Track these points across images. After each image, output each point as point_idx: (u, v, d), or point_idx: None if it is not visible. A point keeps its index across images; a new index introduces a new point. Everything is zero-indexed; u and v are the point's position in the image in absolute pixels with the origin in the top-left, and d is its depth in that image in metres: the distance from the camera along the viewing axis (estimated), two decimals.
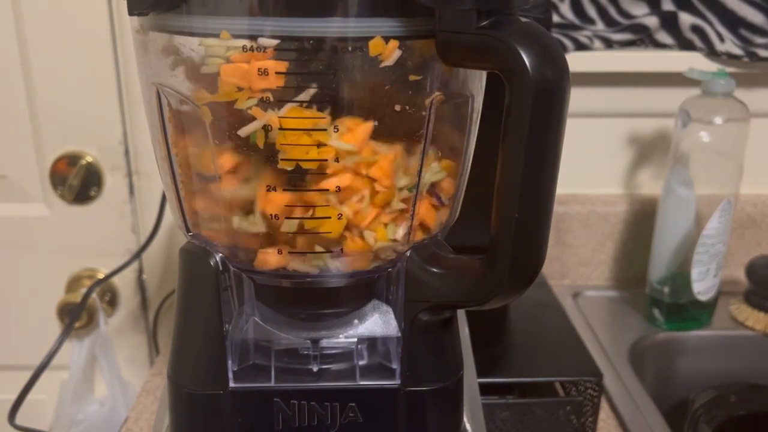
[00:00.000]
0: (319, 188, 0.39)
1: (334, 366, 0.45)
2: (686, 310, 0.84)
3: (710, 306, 0.86)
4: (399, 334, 0.44)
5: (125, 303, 0.94)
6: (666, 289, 0.84)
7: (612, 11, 0.89)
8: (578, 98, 0.79)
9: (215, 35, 0.37)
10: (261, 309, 0.45)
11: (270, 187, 0.39)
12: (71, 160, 0.86)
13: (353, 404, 0.44)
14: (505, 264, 0.38)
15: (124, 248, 0.90)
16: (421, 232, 0.43)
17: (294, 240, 0.41)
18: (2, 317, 0.93)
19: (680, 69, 0.81)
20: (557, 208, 0.91)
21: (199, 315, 0.44)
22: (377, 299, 0.46)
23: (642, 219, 0.94)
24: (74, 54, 0.82)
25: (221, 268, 0.43)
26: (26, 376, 0.76)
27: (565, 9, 0.90)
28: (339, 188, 0.39)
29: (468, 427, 0.49)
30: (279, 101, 0.37)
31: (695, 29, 0.87)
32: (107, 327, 0.91)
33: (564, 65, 0.35)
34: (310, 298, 0.45)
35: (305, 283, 0.43)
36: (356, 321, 0.45)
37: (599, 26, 0.90)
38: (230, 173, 0.40)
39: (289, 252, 0.41)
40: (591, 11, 0.90)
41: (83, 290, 0.86)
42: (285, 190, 0.39)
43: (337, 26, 0.37)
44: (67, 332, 0.82)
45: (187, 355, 0.44)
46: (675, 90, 0.86)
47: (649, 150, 0.95)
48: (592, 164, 0.95)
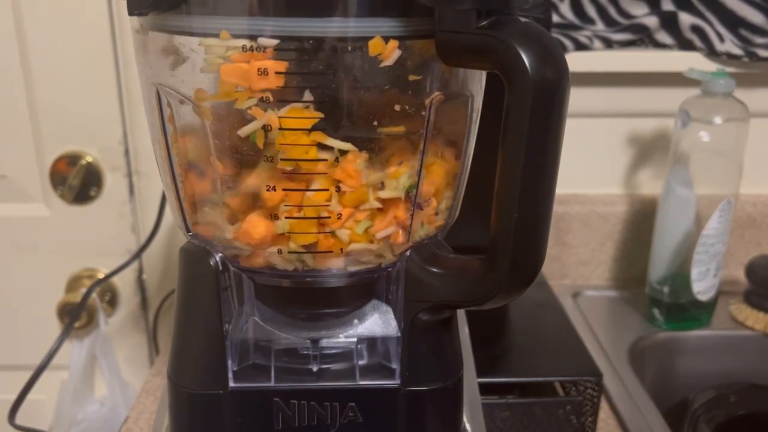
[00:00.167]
0: (319, 188, 0.39)
1: (334, 366, 0.45)
2: (686, 310, 0.84)
3: (710, 306, 0.86)
4: (399, 334, 0.44)
5: (125, 303, 0.94)
6: (666, 289, 0.84)
7: (612, 11, 0.89)
8: (578, 98, 0.80)
9: (215, 35, 0.37)
10: (261, 309, 0.45)
11: (269, 187, 0.39)
12: (71, 160, 0.86)
13: (353, 404, 0.44)
14: (505, 264, 0.38)
15: (124, 248, 0.90)
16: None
17: (293, 240, 0.41)
18: (2, 317, 0.93)
19: (680, 69, 0.81)
20: (557, 208, 0.92)
21: (199, 315, 0.44)
22: (377, 299, 0.46)
23: (642, 219, 0.94)
24: (74, 54, 0.82)
25: (221, 268, 0.43)
26: (26, 376, 0.76)
27: (565, 9, 0.90)
28: (339, 188, 0.39)
29: (468, 427, 0.49)
30: (279, 101, 0.37)
31: (695, 29, 0.87)
32: (107, 327, 0.91)
33: (564, 65, 0.35)
34: (310, 298, 0.45)
35: (305, 283, 0.43)
36: (356, 321, 0.45)
37: (599, 26, 0.90)
38: (230, 173, 0.40)
39: (289, 252, 0.41)
40: (591, 11, 0.90)
41: (83, 290, 0.86)
42: (285, 190, 0.39)
43: (337, 26, 0.37)
44: (67, 332, 0.82)
45: (187, 355, 0.44)
46: (675, 90, 0.86)
47: (649, 150, 0.95)
48: (592, 164, 0.95)
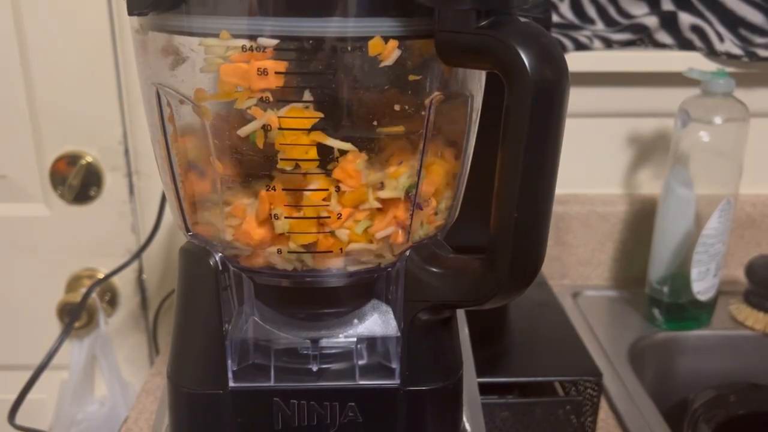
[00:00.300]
0: (319, 188, 0.39)
1: (334, 365, 0.45)
2: (686, 310, 0.84)
3: (710, 306, 0.86)
4: (398, 334, 0.44)
5: (125, 303, 0.94)
6: (666, 289, 0.84)
7: (612, 11, 0.89)
8: (578, 98, 0.79)
9: (215, 35, 0.37)
10: (260, 309, 0.45)
11: (269, 187, 0.39)
12: (71, 160, 0.86)
13: (353, 404, 0.44)
14: (505, 264, 0.38)
15: (124, 248, 0.90)
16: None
17: (293, 240, 0.41)
18: (2, 317, 0.93)
19: (680, 69, 0.81)
20: (557, 208, 0.92)
21: (199, 315, 0.44)
22: (377, 299, 0.46)
23: (642, 219, 0.94)
24: (74, 54, 0.82)
25: (221, 268, 0.43)
26: (26, 376, 0.76)
27: (565, 9, 0.90)
28: (338, 188, 0.39)
29: (467, 427, 0.49)
30: (278, 101, 0.37)
31: (695, 29, 0.87)
32: (107, 327, 0.91)
33: (563, 65, 0.35)
34: (310, 298, 0.45)
35: (305, 283, 0.43)
36: (356, 320, 0.45)
37: (599, 26, 0.90)
38: (230, 173, 0.40)
39: (289, 252, 0.41)
40: (591, 11, 0.90)
41: (83, 290, 0.86)
42: (284, 190, 0.39)
43: (337, 26, 0.37)
44: (67, 332, 0.82)
45: (187, 355, 0.44)
46: (675, 90, 0.86)
47: (649, 150, 0.95)
48: (592, 164, 0.95)
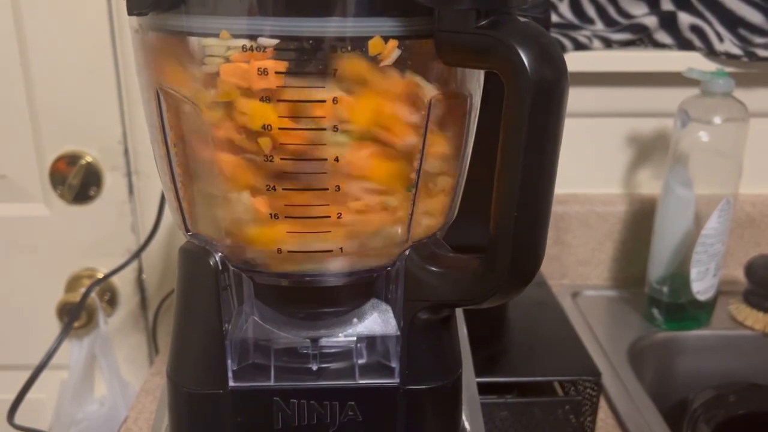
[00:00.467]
0: (319, 188, 0.39)
1: (334, 365, 0.45)
2: (685, 310, 0.84)
3: (709, 306, 0.86)
4: (398, 333, 0.44)
5: (125, 303, 0.94)
6: (665, 289, 0.84)
7: (611, 11, 0.90)
8: (577, 98, 0.80)
9: (215, 35, 0.37)
10: (260, 308, 0.45)
11: (269, 187, 0.39)
12: (71, 160, 0.86)
13: (353, 403, 0.44)
14: (504, 263, 0.38)
15: (124, 248, 0.90)
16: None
17: (293, 239, 0.41)
18: (2, 317, 0.93)
19: (679, 69, 0.81)
20: (556, 208, 0.92)
21: (199, 314, 0.44)
22: (376, 298, 0.46)
23: (641, 219, 0.94)
24: (74, 54, 0.82)
25: (221, 268, 0.43)
26: (26, 376, 0.76)
27: (564, 9, 0.90)
28: (338, 187, 0.39)
29: (467, 427, 0.49)
30: (278, 101, 0.37)
31: (694, 29, 0.87)
32: (107, 327, 0.92)
33: (562, 65, 0.35)
34: (310, 297, 0.45)
35: (304, 282, 0.43)
36: (355, 320, 0.45)
37: (598, 26, 0.90)
38: (229, 173, 0.40)
39: (288, 251, 0.41)
40: (590, 11, 0.90)
41: (83, 290, 0.86)
42: (284, 190, 0.39)
43: (336, 26, 0.37)
44: (67, 332, 0.82)
45: (187, 355, 0.44)
46: (674, 90, 0.86)
47: (649, 150, 0.95)
48: (592, 164, 0.95)
